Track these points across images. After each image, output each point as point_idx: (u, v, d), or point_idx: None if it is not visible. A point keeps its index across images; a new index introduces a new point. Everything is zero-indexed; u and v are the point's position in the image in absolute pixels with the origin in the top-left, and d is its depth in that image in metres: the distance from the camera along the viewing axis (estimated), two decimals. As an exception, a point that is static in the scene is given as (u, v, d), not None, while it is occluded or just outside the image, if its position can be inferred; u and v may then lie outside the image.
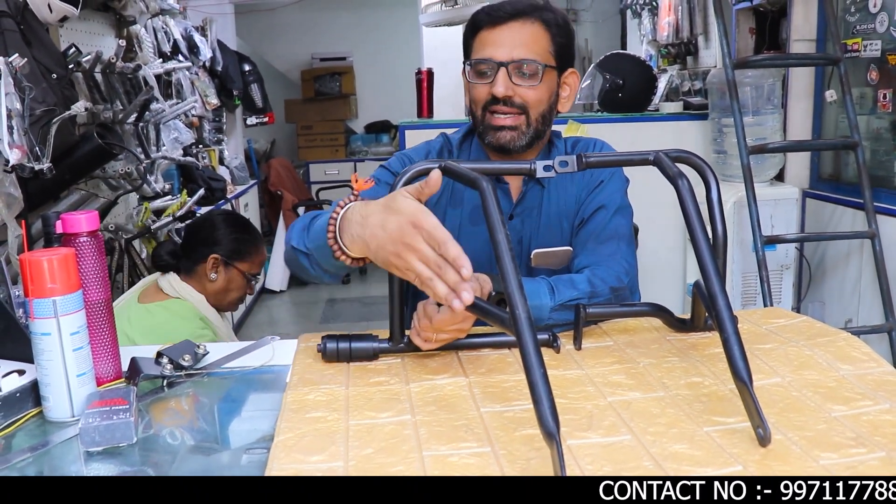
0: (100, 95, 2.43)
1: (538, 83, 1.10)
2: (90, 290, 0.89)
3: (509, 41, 1.09)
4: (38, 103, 1.91)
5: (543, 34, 1.12)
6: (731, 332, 0.75)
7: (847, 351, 0.90)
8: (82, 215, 0.88)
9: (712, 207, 0.96)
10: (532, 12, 1.11)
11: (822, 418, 0.74)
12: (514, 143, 1.11)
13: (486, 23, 1.11)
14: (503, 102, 1.10)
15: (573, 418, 0.76)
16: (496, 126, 1.11)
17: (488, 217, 0.78)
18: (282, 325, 4.30)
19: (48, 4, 1.91)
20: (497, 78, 1.08)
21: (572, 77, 1.18)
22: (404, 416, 0.78)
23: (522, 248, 1.17)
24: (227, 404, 0.94)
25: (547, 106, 1.13)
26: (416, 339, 0.92)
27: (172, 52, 3.41)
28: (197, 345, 1.00)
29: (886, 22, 2.11)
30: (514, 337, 0.70)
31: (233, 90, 4.28)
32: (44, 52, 1.98)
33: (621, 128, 2.64)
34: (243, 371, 0.99)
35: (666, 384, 0.84)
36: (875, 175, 2.22)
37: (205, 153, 4.04)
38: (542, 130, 1.14)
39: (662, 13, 3.45)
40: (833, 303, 2.41)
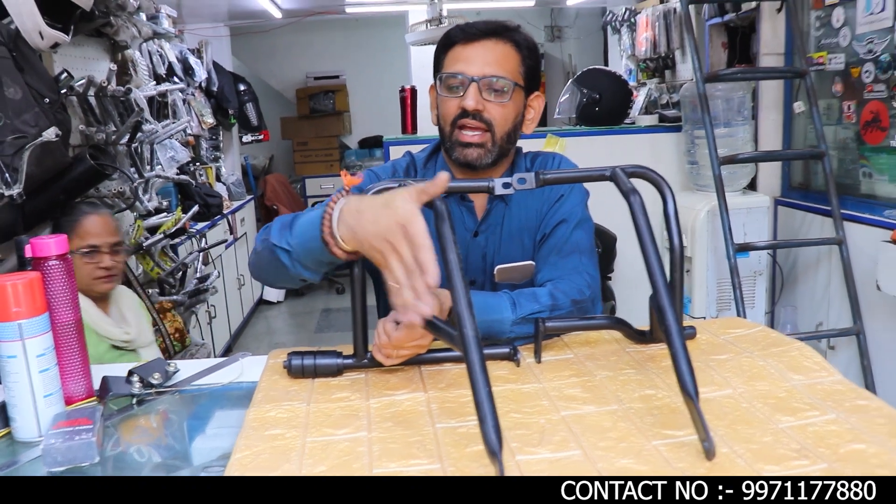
0: (94, 118, 2.47)
1: (507, 100, 1.12)
2: (59, 312, 0.91)
3: (482, 58, 1.12)
4: (30, 127, 1.95)
5: (515, 54, 1.14)
6: (679, 346, 0.76)
7: (799, 361, 0.91)
8: (51, 239, 0.91)
9: (669, 221, 0.98)
10: (504, 32, 1.15)
11: (769, 430, 0.75)
12: (480, 161, 1.13)
13: (460, 39, 1.14)
14: (472, 116, 1.12)
15: (525, 433, 0.77)
16: (464, 143, 1.13)
17: (441, 237, 0.80)
18: (278, 335, 4.36)
19: (39, 32, 1.95)
20: (468, 92, 1.11)
21: (537, 100, 1.20)
22: (360, 432, 0.80)
23: (486, 264, 1.19)
24: (194, 422, 0.95)
25: (512, 125, 1.15)
26: (377, 355, 0.94)
27: (168, 75, 3.48)
28: (168, 363, 1.02)
29: (849, 36, 2.16)
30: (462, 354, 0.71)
31: (228, 109, 4.34)
32: (36, 78, 2.03)
33: (599, 140, 2.69)
34: (213, 388, 1.01)
35: (620, 397, 0.85)
36: (842, 183, 2.27)
37: (202, 170, 4.09)
38: (507, 149, 1.16)
39: (640, 29, 3.50)
40: (805, 307, 2.44)
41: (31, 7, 1.91)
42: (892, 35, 1.97)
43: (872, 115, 2.10)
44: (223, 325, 3.82)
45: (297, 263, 0.94)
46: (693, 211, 2.50)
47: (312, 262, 0.92)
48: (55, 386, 0.87)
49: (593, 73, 2.81)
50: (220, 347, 3.67)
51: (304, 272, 0.94)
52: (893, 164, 2.07)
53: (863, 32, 2.09)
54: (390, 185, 0.94)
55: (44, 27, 1.94)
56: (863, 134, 2.15)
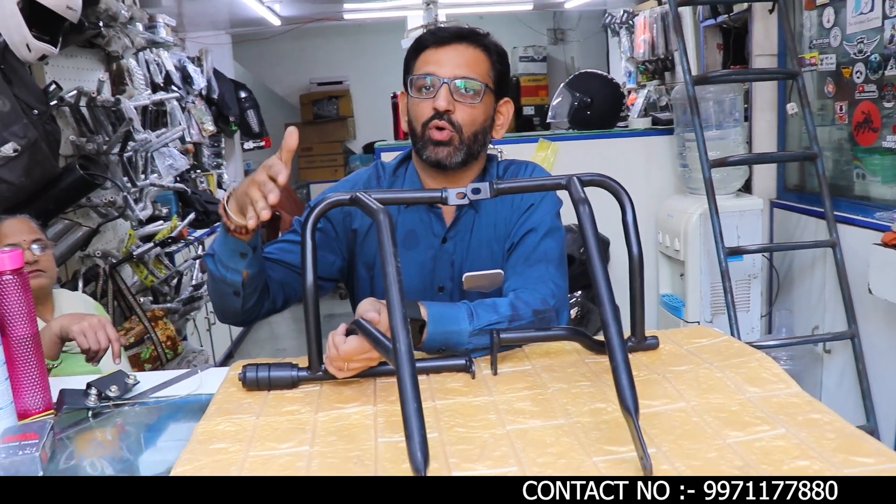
0: (86, 128, 2.50)
1: (478, 102, 1.13)
2: (14, 326, 0.92)
3: (453, 61, 1.13)
4: (19, 138, 1.98)
5: (485, 58, 1.16)
6: (620, 360, 0.75)
7: (758, 372, 0.89)
8: (5, 254, 0.91)
9: (627, 229, 0.97)
10: (475, 38, 1.16)
11: (714, 446, 0.74)
12: (449, 159, 1.14)
13: (432, 42, 1.15)
14: (441, 117, 1.12)
15: (466, 448, 0.76)
16: (435, 141, 1.13)
17: (381, 248, 0.79)
18: (281, 341, 4.38)
19: (27, 45, 1.97)
20: (439, 93, 1.12)
21: (506, 106, 1.21)
22: (303, 447, 0.79)
23: (455, 271, 1.18)
24: (148, 434, 0.96)
25: (481, 126, 1.15)
26: (330, 368, 0.93)
27: (166, 83, 3.51)
28: (127, 375, 1.02)
29: (840, 37, 2.12)
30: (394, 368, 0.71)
31: (229, 116, 4.37)
32: (24, 90, 2.05)
33: (591, 144, 2.67)
34: (170, 400, 1.01)
35: (569, 411, 0.84)
36: (836, 185, 2.24)
37: (203, 177, 4.12)
38: (476, 151, 1.16)
39: (638, 31, 3.48)
40: (801, 310, 2.41)
41: (19, 20, 1.94)
42: (882, 35, 1.94)
43: (864, 116, 2.06)
44: (224, 331, 3.83)
45: (219, 264, 1.06)
46: (686, 214, 2.47)
47: (227, 256, 1.05)
48: (6, 400, 0.87)
49: (585, 77, 2.80)
50: (220, 354, 3.69)
51: (225, 273, 1.06)
52: (886, 166, 2.03)
53: (853, 32, 2.05)
54: (342, 198, 0.94)
55: (31, 40, 1.97)
56: (855, 135, 2.12)
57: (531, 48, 5.63)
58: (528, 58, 5.62)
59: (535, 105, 5.55)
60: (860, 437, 0.72)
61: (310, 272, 0.92)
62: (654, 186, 2.70)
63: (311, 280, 0.93)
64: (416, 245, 1.18)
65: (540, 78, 5.61)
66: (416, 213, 1.18)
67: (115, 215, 2.52)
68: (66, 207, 2.31)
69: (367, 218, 1.18)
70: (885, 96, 1.97)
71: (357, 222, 1.20)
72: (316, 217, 0.93)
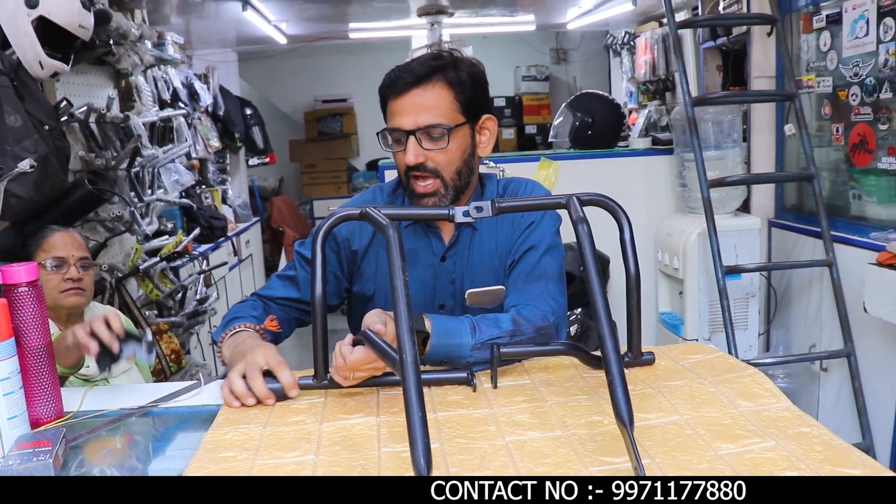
0: (95, 144, 2.55)
1: (446, 145, 1.13)
2: (29, 337, 0.95)
3: (413, 109, 1.12)
4: (29, 153, 2.02)
5: (446, 95, 1.13)
6: (616, 374, 0.77)
7: (750, 387, 0.91)
8: (21, 267, 0.94)
9: (625, 248, 1.00)
10: (433, 74, 1.13)
11: (706, 457, 0.76)
12: (440, 204, 1.15)
13: (391, 94, 1.14)
14: (418, 168, 1.13)
15: (466, 458, 0.79)
16: (419, 193, 1.15)
17: (390, 263, 0.83)
18: (284, 355, 4.35)
19: (39, 62, 2.03)
20: (408, 146, 1.12)
21: (489, 122, 1.20)
22: (308, 455, 0.82)
23: (455, 289, 1.21)
24: (157, 443, 0.98)
25: (460, 163, 1.16)
26: (335, 376, 0.96)
27: (173, 100, 3.57)
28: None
29: (836, 60, 2.17)
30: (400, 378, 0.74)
31: (235, 133, 4.43)
32: (36, 106, 2.10)
33: (592, 163, 2.71)
34: (179, 410, 1.03)
35: (567, 423, 0.86)
36: (832, 205, 2.27)
37: (207, 193, 4.17)
38: (463, 185, 1.18)
39: (640, 52, 3.54)
40: (798, 329, 2.43)
41: (32, 39, 1.99)
42: (876, 59, 1.98)
43: (860, 138, 2.10)
44: (226, 345, 3.84)
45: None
46: (685, 233, 2.50)
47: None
48: (20, 409, 0.90)
49: (586, 97, 2.85)
50: (223, 368, 3.69)
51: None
52: (881, 186, 2.07)
53: (849, 56, 2.10)
54: (352, 213, 0.97)
55: (44, 57, 2.02)
56: (851, 156, 2.15)
57: (534, 67, 5.71)
58: (531, 77, 5.69)
59: (538, 124, 5.61)
60: (847, 449, 0.75)
61: (318, 283, 0.95)
62: (654, 205, 2.74)
63: (320, 291, 0.96)
64: (415, 263, 1.21)
65: (542, 97, 5.69)
66: (415, 232, 1.21)
67: (122, 230, 2.56)
68: (74, 222, 2.35)
69: (364, 238, 1.22)
70: (879, 119, 2.01)
71: (356, 243, 1.23)
72: (326, 231, 0.96)
